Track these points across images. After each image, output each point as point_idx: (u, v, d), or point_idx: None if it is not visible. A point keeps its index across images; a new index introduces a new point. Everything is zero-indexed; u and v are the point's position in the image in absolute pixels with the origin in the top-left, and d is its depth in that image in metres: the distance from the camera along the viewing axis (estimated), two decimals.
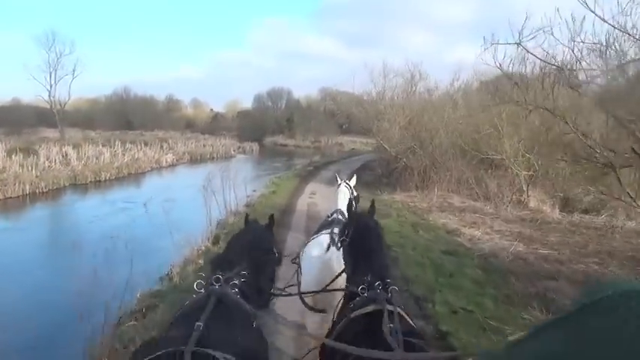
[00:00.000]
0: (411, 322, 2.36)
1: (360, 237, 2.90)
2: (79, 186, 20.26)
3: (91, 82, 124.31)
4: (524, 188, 16.13)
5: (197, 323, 1.91)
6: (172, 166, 28.93)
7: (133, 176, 23.80)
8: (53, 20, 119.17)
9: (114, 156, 27.17)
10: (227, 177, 13.75)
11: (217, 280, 2.34)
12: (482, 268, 8.98)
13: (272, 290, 3.04)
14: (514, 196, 16.14)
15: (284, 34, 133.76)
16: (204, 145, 38.43)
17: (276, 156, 43.23)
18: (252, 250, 2.76)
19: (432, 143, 18.05)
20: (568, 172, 15.67)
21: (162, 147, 34.46)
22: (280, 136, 63.81)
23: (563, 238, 11.81)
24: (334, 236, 3.98)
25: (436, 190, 16.90)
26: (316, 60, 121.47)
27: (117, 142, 33.63)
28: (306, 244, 4.43)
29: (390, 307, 2.21)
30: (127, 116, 79.32)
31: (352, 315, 2.32)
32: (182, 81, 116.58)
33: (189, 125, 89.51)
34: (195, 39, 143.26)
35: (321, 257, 4.00)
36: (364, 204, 4.19)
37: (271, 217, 3.13)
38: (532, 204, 16.08)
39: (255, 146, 47.78)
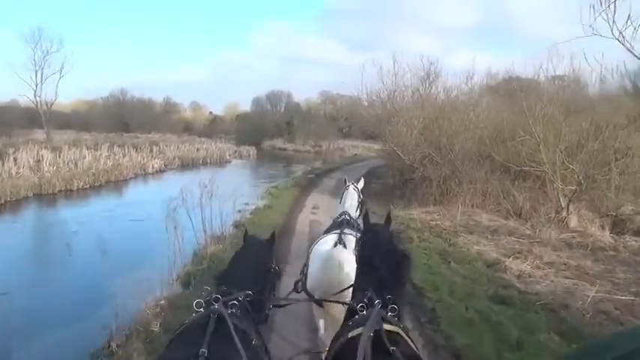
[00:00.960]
0: (411, 343, 2.23)
1: (369, 248, 2.76)
2: (45, 196, 17.42)
3: (92, 83, 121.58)
4: (564, 205, 13.47)
5: (201, 350, 1.90)
6: (160, 172, 26.19)
7: (112, 184, 21.00)
8: (44, 18, 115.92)
9: (97, 160, 24.46)
10: (213, 188, 10.97)
11: (217, 299, 2.33)
12: (557, 330, 6.29)
13: (271, 305, 3.05)
14: (553, 214, 13.48)
15: (286, 37, 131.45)
16: (197, 150, 35.65)
17: (274, 161, 40.56)
18: (253, 267, 2.78)
19: (451, 150, 15.36)
20: (620, 185, 13.04)
21: (151, 151, 31.74)
22: (279, 140, 61.13)
23: (636, 274, 9.16)
24: (343, 236, 4.12)
25: (460, 205, 14.21)
26: (318, 64, 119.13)
27: (104, 146, 31.00)
28: (314, 243, 4.43)
29: (388, 327, 2.15)
30: (124, 119, 78.39)
31: (349, 335, 2.23)
32: (182, 84, 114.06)
33: (188, 128, 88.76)
34: (196, 43, 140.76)
35: (328, 252, 4.02)
36: (377, 220, 3.34)
37: (273, 234, 3.12)
38: (573, 223, 13.43)
39: (253, 150, 45.02)
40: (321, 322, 4.38)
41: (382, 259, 2.58)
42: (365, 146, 55.70)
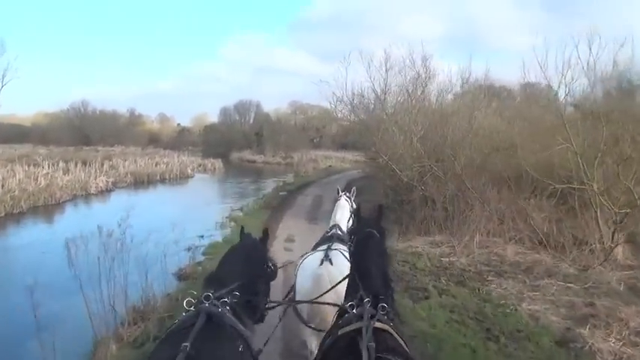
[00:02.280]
0: (400, 339, 2.19)
1: (359, 247, 2.76)
2: None
3: (57, 97, 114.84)
4: (610, 233, 10.34)
5: (183, 344, 1.85)
6: (106, 191, 22.00)
7: (40, 210, 16.79)
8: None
9: (31, 179, 20.14)
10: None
11: (207, 297, 2.28)
12: None
13: (267, 304, 2.96)
14: (596, 245, 10.30)
15: (256, 49, 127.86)
16: (156, 164, 31.44)
17: (242, 175, 36.69)
18: (245, 266, 2.68)
19: (456, 162, 12.09)
20: None
21: (102, 166, 27.46)
22: (248, 152, 57.16)
23: None
24: (329, 252, 4.00)
25: (477, 235, 10.92)
26: (289, 74, 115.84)
27: (46, 162, 26.63)
28: (301, 260, 4.28)
29: (378, 325, 2.12)
30: (85, 131, 73.92)
31: (339, 332, 2.21)
32: (151, 96, 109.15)
33: (154, 140, 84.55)
34: (166, 55, 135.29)
35: (313, 272, 3.87)
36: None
37: (265, 230, 3.15)
38: (620, 255, 10.32)
39: (219, 163, 40.91)
40: (311, 339, 3.98)
41: (372, 260, 2.56)
42: (338, 157, 52.39)
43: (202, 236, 12.08)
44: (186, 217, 14.09)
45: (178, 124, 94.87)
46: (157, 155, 39.82)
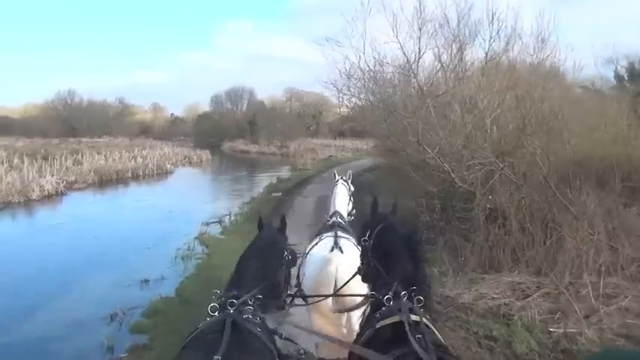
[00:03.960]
0: (437, 333, 2.16)
1: (385, 240, 2.64)
2: None
3: (50, 89, 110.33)
4: None
5: (215, 357, 1.76)
6: (55, 195, 17.27)
7: None
8: None
9: None
10: None
11: (232, 304, 2.14)
12: None
13: (288, 291, 2.97)
14: None
15: (251, 37, 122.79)
16: (133, 158, 26.71)
17: (232, 168, 32.05)
18: (266, 261, 2.60)
19: (540, 157, 7.62)
20: None
21: (65, 162, 22.73)
22: (241, 141, 52.30)
23: None
24: (338, 239, 3.86)
25: (586, 273, 6.46)
26: (284, 62, 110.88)
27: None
28: (308, 248, 4.05)
29: (415, 318, 2.08)
30: (71, 122, 69.57)
31: (377, 325, 2.17)
32: (145, 86, 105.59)
33: (145, 131, 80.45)
34: (160, 45, 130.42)
35: (323, 259, 3.69)
36: None
37: (283, 218, 3.11)
38: None
39: (207, 155, 36.08)
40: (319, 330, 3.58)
41: (402, 250, 2.49)
42: (337, 145, 47.66)
43: (147, 282, 7.50)
44: (132, 242, 9.62)
45: (172, 114, 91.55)
46: (140, 147, 34.95)
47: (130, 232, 11.03)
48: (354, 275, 3.06)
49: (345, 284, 3.29)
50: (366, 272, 2.79)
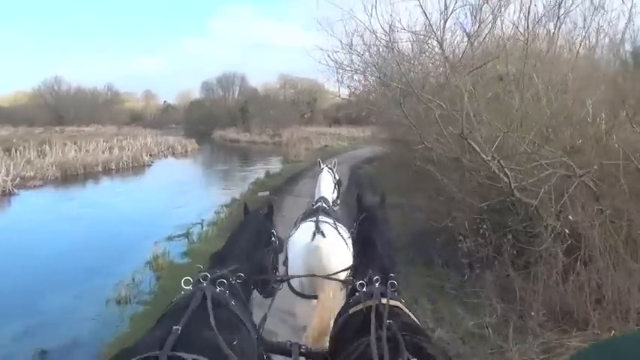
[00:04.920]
0: (412, 316, 2.14)
1: (366, 229, 2.68)
2: None
3: (41, 77, 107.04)
4: None
5: (174, 327, 1.66)
6: (2, 195, 14.42)
7: None
8: None
9: None
10: None
11: (205, 277, 2.06)
12: None
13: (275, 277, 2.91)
14: None
15: (249, 24, 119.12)
16: (109, 149, 23.82)
17: (220, 159, 29.20)
18: (251, 242, 2.54)
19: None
20: None
21: (27, 153, 19.84)
22: (232, 129, 49.28)
23: None
24: (319, 224, 3.84)
25: None
26: (282, 51, 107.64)
27: None
28: (291, 232, 4.10)
29: (391, 302, 2.05)
30: (58, 111, 66.78)
31: (350, 311, 2.17)
32: (137, 74, 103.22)
33: (137, 119, 77.81)
34: (156, 29, 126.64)
35: (307, 245, 3.69)
36: None
37: (270, 206, 2.96)
38: None
39: (193, 145, 33.11)
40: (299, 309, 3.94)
41: (379, 239, 2.54)
42: (332, 133, 44.68)
43: (44, 355, 4.75)
44: (48, 277, 6.85)
45: (165, 102, 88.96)
46: (122, 137, 32.03)
47: (53, 259, 8.14)
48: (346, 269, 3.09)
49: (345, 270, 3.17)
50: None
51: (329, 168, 5.17)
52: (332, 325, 2.51)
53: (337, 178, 5.14)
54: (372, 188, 13.57)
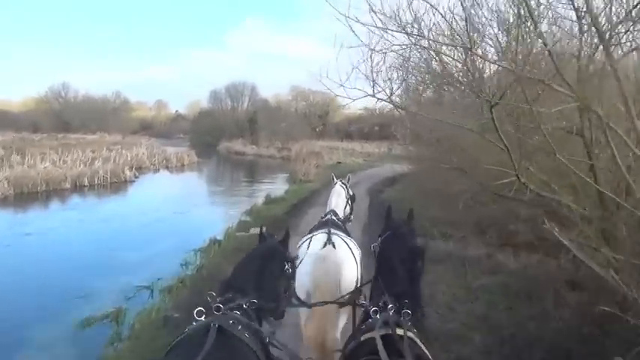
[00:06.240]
0: (423, 348, 2.00)
1: (392, 248, 2.48)
2: None
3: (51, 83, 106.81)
4: None
5: None
6: None
7: None
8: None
9: None
10: None
11: (218, 308, 1.99)
12: None
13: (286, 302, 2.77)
14: None
15: (262, 35, 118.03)
16: (90, 160, 20.29)
17: (219, 175, 25.48)
18: (264, 269, 2.43)
19: None
20: None
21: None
22: (239, 141, 45.72)
23: None
24: (331, 235, 3.70)
25: None
26: (294, 61, 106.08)
27: None
28: (300, 243, 3.91)
29: (401, 332, 1.95)
30: (64, 117, 64.23)
31: (362, 338, 2.08)
32: (154, 83, 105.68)
33: (147, 127, 75.93)
34: (172, 40, 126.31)
35: (316, 254, 3.56)
36: None
37: (287, 231, 2.87)
38: None
39: (192, 157, 29.38)
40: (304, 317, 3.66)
41: (401, 261, 2.35)
42: (345, 148, 40.79)
43: None
44: None
45: (176, 111, 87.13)
46: (114, 146, 28.59)
47: None
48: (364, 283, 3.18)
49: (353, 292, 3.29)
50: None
51: (342, 183, 4.93)
52: (337, 338, 2.78)
53: (351, 193, 4.90)
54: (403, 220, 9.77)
